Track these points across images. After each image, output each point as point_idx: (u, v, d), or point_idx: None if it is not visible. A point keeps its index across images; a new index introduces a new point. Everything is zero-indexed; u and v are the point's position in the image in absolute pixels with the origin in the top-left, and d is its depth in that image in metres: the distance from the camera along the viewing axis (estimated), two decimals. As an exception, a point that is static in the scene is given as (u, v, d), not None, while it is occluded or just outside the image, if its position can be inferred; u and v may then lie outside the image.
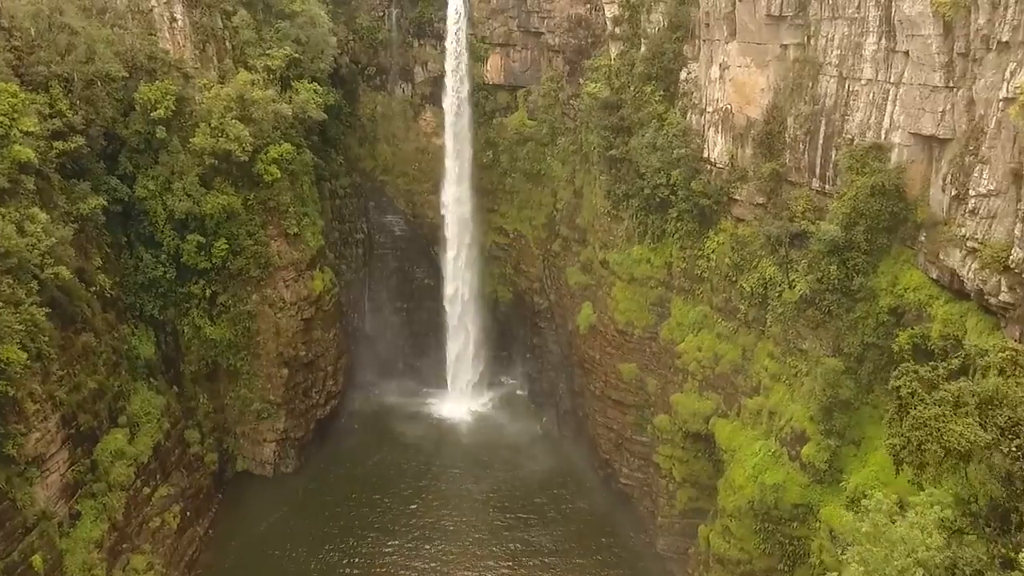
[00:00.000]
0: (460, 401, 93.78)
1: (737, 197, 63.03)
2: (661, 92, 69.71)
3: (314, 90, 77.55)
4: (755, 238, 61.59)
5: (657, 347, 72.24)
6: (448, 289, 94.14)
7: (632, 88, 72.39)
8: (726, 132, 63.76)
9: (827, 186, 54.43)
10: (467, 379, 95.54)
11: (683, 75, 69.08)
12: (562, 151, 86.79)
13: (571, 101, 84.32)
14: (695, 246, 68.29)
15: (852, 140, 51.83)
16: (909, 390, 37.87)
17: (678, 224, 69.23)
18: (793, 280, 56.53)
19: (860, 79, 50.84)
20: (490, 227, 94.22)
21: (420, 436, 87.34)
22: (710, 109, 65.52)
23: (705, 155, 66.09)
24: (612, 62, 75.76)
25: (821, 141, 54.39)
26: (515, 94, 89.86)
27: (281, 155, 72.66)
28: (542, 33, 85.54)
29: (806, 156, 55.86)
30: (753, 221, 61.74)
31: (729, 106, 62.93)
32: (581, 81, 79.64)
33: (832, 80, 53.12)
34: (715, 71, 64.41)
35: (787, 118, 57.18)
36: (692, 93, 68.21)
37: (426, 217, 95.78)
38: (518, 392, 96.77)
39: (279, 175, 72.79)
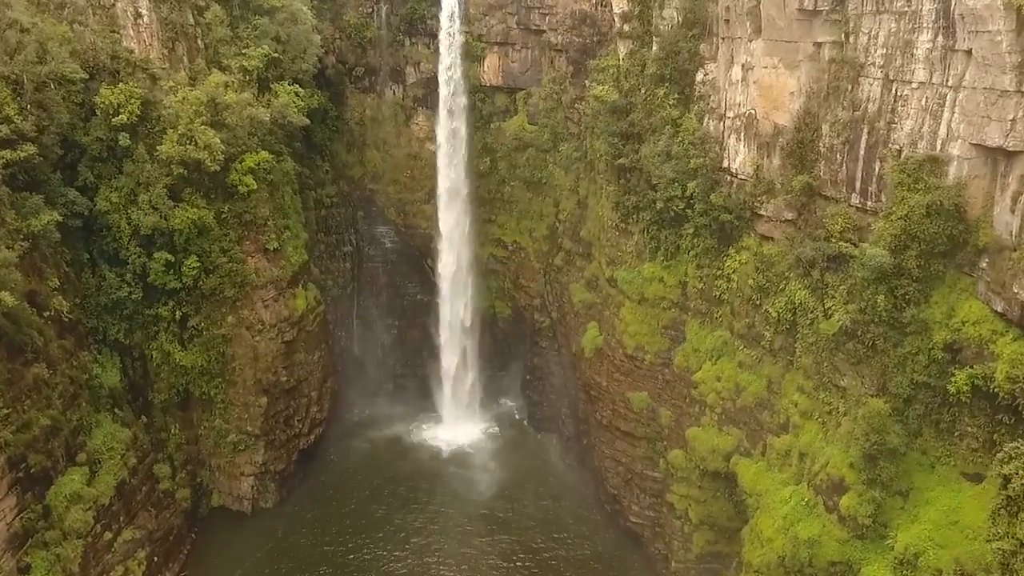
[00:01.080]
0: (455, 426, 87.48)
1: (762, 212, 56.74)
2: (675, 95, 63.42)
3: (295, 93, 71.16)
4: (783, 258, 55.31)
5: (671, 375, 65.94)
6: (442, 305, 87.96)
7: (643, 91, 66.07)
8: (750, 140, 57.44)
9: (869, 202, 48.10)
10: (463, 402, 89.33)
11: (699, 77, 62.87)
12: (565, 158, 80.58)
13: (575, 105, 78.02)
14: (713, 265, 62.03)
15: (900, 151, 45.51)
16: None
17: (694, 240, 62.96)
18: (830, 308, 50.16)
19: (911, 82, 44.52)
20: (487, 239, 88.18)
21: (411, 466, 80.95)
22: (731, 114, 59.25)
23: (725, 165, 59.83)
24: (620, 62, 69.43)
25: (862, 152, 48.07)
26: (514, 97, 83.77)
27: (258, 164, 66.23)
28: (543, 31, 79.27)
29: (844, 168, 49.54)
30: (781, 239, 55.45)
31: (753, 111, 56.62)
32: (586, 83, 73.28)
33: (875, 83, 46.80)
34: (737, 72, 58.14)
35: (821, 125, 50.88)
36: (710, 96, 62.00)
37: (419, 228, 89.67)
38: (517, 416, 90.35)
39: (256, 186, 66.31)
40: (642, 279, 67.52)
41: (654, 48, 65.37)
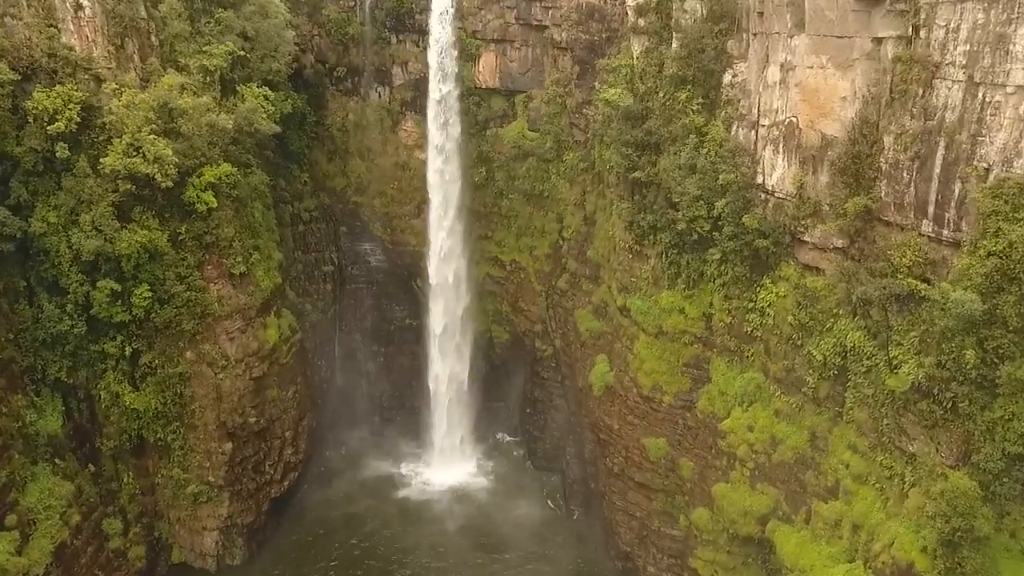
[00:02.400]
0: (448, 464, 79.04)
1: (806, 238, 48.38)
2: (700, 100, 54.98)
3: (265, 96, 62.55)
4: (831, 292, 47.01)
5: (693, 420, 57.57)
6: (433, 330, 79.31)
7: (661, 94, 57.72)
8: (790, 153, 49.05)
9: (946, 232, 39.71)
10: (456, 436, 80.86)
11: (727, 78, 54.60)
12: (570, 169, 72.18)
13: (582, 109, 69.54)
14: (744, 296, 53.70)
15: (988, 170, 37.15)
16: None
17: (721, 267, 54.61)
18: (896, 358, 41.69)
19: (1004, 86, 36.19)
20: (483, 257, 79.67)
21: (398, 513, 72.48)
22: (766, 122, 50.90)
23: (759, 181, 51.46)
24: (634, 62, 61.02)
25: (937, 170, 39.69)
26: (513, 100, 75.17)
27: (220, 178, 57.66)
28: (546, 27, 70.77)
29: (913, 189, 41.15)
30: (830, 270, 47.07)
31: (795, 119, 48.25)
32: (596, 85, 64.80)
33: (956, 86, 38.45)
34: (774, 73, 49.79)
35: (883, 137, 42.56)
36: (739, 101, 53.74)
37: (407, 245, 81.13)
38: (515, 452, 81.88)
39: (216, 203, 57.76)
40: (659, 309, 59.17)
41: (674, 45, 57.06)
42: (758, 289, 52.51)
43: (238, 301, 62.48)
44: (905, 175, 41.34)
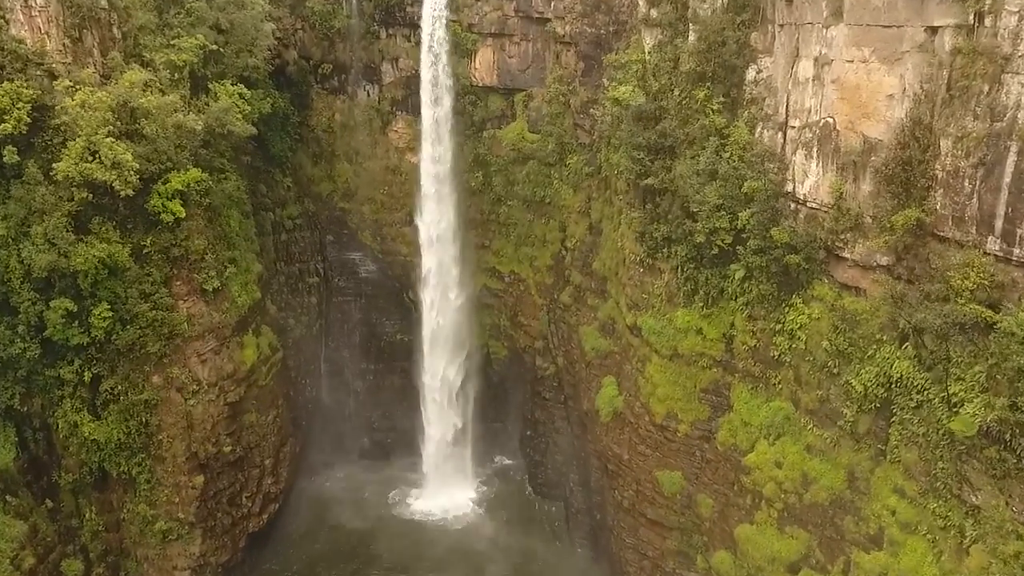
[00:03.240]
0: (442, 491, 73.69)
1: (845, 255, 42.93)
2: (721, 98, 49.56)
3: (239, 94, 56.94)
4: (874, 316, 41.56)
5: (712, 453, 52.14)
6: (426, 346, 73.96)
7: (677, 92, 52.33)
8: (825, 158, 43.60)
9: (1017, 250, 34.26)
10: (451, 460, 75.52)
11: (750, 74, 49.28)
12: (574, 174, 66.91)
13: (587, 109, 64.12)
14: (771, 317, 48.26)
15: (1071, 180, 31.73)
16: None
17: (745, 285, 49.21)
18: (956, 395, 36.25)
19: (1093, 80, 30.73)
20: (480, 267, 74.38)
21: (389, 545, 66.95)
22: (796, 123, 45.50)
23: (789, 189, 46.01)
24: (646, 57, 55.59)
25: (1008, 179, 34.24)
26: (512, 99, 69.84)
27: (188, 185, 52.07)
28: (548, 19, 65.35)
29: (976, 200, 35.68)
30: (873, 291, 41.65)
31: (831, 119, 42.81)
32: (605, 82, 59.21)
33: (1030, 82, 33.00)
34: (805, 68, 44.38)
35: (939, 140, 37.05)
36: (763, 100, 48.42)
37: (399, 254, 75.88)
38: (516, 477, 76.45)
39: (184, 212, 52.20)
40: (674, 329, 53.69)
41: (691, 38, 51.70)
42: (787, 309, 47.06)
43: (211, 319, 56.96)
44: (967, 184, 35.88)
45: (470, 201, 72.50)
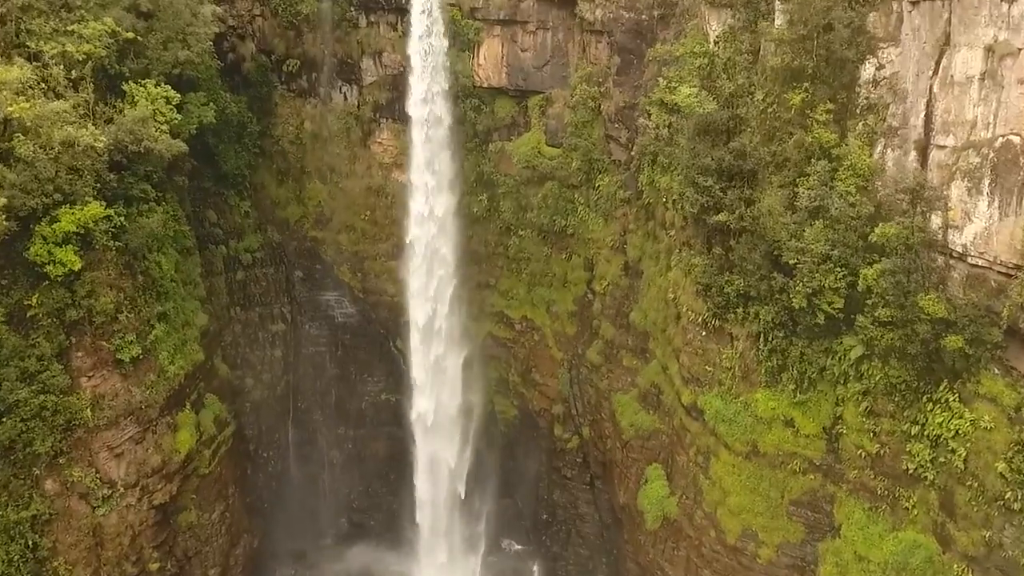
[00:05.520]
0: (439, 587, 59.76)
1: (1042, 340, 28.87)
2: (828, 105, 35.56)
3: (165, 98, 42.58)
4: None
5: (811, 593, 38.05)
6: (418, 406, 59.96)
7: (760, 96, 38.55)
8: (1006, 194, 29.64)
9: None
10: (449, 548, 61.37)
11: (866, 71, 35.68)
12: (605, 199, 53.65)
13: (625, 117, 50.16)
14: (904, 416, 34.61)
15: None
16: None
17: (865, 367, 35.39)
18: None
19: None
20: (484, 311, 61.09)
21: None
22: (948, 142, 31.84)
23: (940, 239, 31.92)
24: (711, 48, 41.58)
25: None
26: (525, 104, 56.59)
27: (86, 224, 37.78)
28: (573, 1, 51.30)
29: None
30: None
31: (1017, 139, 28.69)
32: (661, 82, 44.38)
33: None
34: (967, 62, 30.71)
35: None
36: (885, 107, 34.65)
37: (384, 294, 62.35)
38: (527, 567, 62.53)
39: (79, 263, 37.95)
40: (753, 417, 39.93)
41: (778, 21, 38.05)
42: (931, 407, 33.34)
43: (129, 399, 42.93)
44: None
45: (472, 230, 59.50)
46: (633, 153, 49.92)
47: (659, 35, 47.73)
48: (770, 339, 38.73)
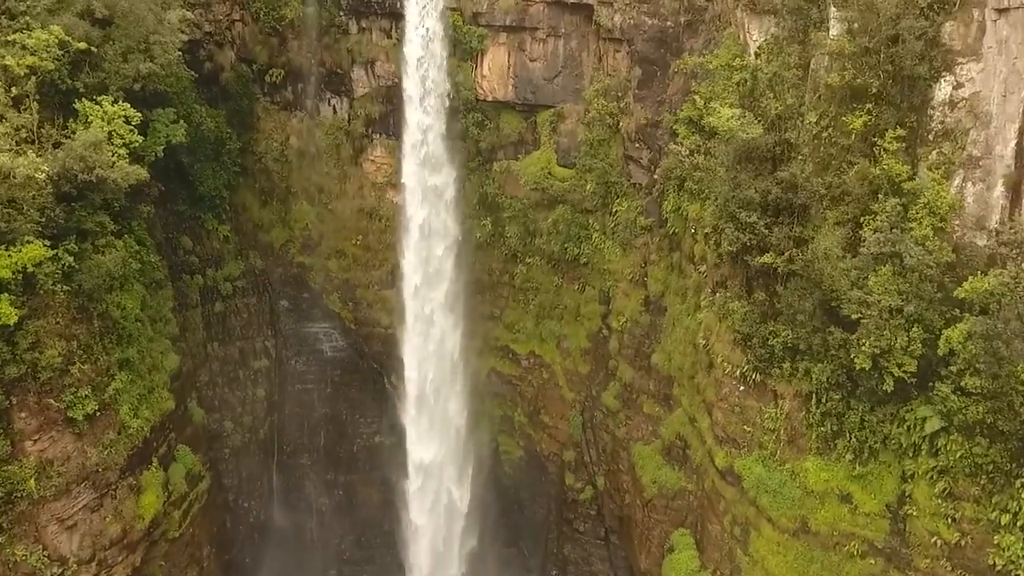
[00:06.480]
0: (436, 651, 54.74)
1: None
2: (898, 131, 30.26)
3: (124, 117, 37.20)
4: None
5: None
6: (414, 449, 55.28)
7: (813, 118, 33.20)
8: None
9: None
10: (448, 603, 56.37)
11: (940, 91, 30.46)
12: (624, 226, 48.72)
13: (645, 136, 44.82)
14: (991, 502, 29.27)
15: None
16: None
17: (943, 442, 29.93)
18: None
19: None
20: (488, 345, 56.37)
21: None
22: (1050, 178, 26.13)
23: (1036, 293, 26.66)
24: (751, 62, 36.22)
25: None
26: (534, 119, 51.88)
27: (20, 269, 32.44)
28: (588, 6, 46.10)
29: None
30: None
31: None
32: (697, 99, 39.24)
33: None
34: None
35: None
36: (964, 134, 29.48)
37: (377, 325, 57.72)
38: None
39: (15, 317, 32.56)
40: (802, 489, 34.67)
41: (833, 31, 32.88)
42: (1025, 494, 27.77)
43: (83, 462, 37.62)
44: None
45: (474, 257, 54.72)
46: (656, 176, 44.85)
47: (685, 44, 42.67)
48: (824, 401, 33.42)
